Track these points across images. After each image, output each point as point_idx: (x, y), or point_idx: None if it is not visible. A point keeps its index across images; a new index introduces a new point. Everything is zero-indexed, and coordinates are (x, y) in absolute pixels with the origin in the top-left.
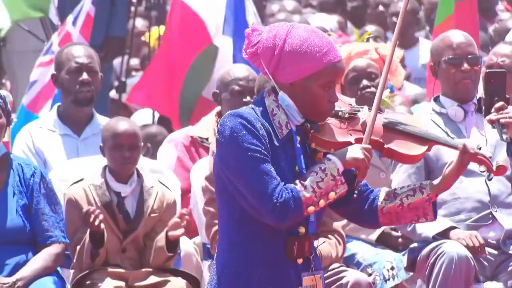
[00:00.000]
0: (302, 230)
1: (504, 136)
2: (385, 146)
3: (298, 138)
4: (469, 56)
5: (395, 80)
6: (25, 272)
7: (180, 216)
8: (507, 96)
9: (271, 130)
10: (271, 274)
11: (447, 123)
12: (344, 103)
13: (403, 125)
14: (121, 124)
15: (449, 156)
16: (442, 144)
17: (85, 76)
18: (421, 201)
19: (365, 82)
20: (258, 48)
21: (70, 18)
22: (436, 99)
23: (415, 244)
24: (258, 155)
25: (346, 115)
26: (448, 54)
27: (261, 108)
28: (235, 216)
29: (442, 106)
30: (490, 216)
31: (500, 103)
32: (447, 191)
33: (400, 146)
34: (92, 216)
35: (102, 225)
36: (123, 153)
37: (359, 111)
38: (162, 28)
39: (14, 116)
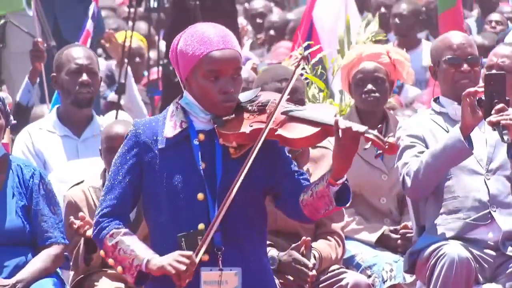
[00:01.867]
0: (201, 226)
1: (505, 138)
2: (276, 133)
3: (202, 136)
4: (469, 57)
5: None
6: (24, 273)
7: None
8: (507, 98)
9: (160, 134)
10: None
11: (447, 122)
12: (274, 99)
13: (299, 111)
14: (116, 127)
15: None
16: (325, 125)
17: (84, 77)
18: (323, 189)
19: (369, 86)
20: (170, 52)
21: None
22: (436, 100)
23: (415, 247)
24: (116, 170)
25: (255, 108)
26: (447, 55)
27: (164, 113)
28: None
29: (442, 106)
30: (489, 215)
31: (501, 105)
32: (447, 190)
33: (290, 131)
34: (75, 226)
35: (90, 232)
36: (113, 156)
37: (268, 103)
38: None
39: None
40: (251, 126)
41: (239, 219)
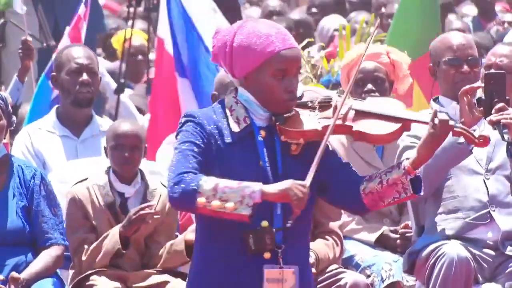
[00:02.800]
0: (264, 224)
1: (506, 137)
2: (354, 129)
3: (263, 133)
4: (469, 58)
5: (400, 88)
6: (24, 274)
7: None
8: (507, 97)
9: (224, 127)
10: (228, 269)
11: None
12: (320, 95)
13: (374, 107)
14: (123, 125)
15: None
16: (414, 121)
17: (85, 76)
18: (399, 177)
19: (369, 86)
20: (215, 49)
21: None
22: (436, 99)
23: (415, 246)
24: (187, 141)
25: (316, 105)
26: (448, 55)
27: (220, 106)
28: (200, 216)
29: (441, 106)
30: (488, 215)
31: (501, 104)
32: (446, 190)
33: (369, 127)
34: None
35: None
36: (123, 153)
37: (330, 99)
38: (129, 31)
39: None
40: (319, 122)
41: (297, 217)
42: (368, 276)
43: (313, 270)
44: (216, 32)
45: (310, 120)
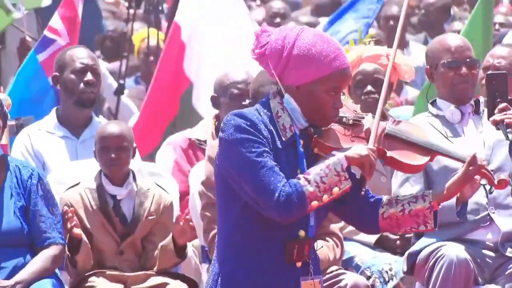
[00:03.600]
0: (302, 233)
1: (510, 136)
2: (388, 154)
3: (302, 142)
4: (467, 60)
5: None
6: (24, 274)
7: (185, 221)
8: (509, 97)
9: (274, 132)
10: (267, 277)
11: (444, 125)
12: (348, 109)
13: (406, 134)
14: (109, 127)
15: (448, 161)
16: (446, 156)
17: (89, 76)
18: (423, 209)
19: (369, 87)
20: (267, 49)
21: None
22: (433, 102)
23: (414, 248)
24: (262, 152)
25: (350, 122)
26: (446, 58)
27: (266, 110)
28: (233, 217)
29: (439, 109)
30: (488, 217)
31: (504, 104)
32: None
33: (402, 155)
34: (66, 217)
35: (77, 231)
36: (109, 155)
37: (363, 118)
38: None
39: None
40: (353, 141)
41: (317, 228)
42: (369, 277)
43: None
44: (264, 31)
45: (345, 138)
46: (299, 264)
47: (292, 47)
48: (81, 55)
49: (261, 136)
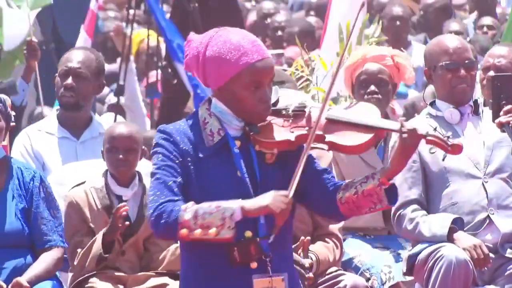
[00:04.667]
0: (248, 234)
1: None
2: (326, 139)
3: (238, 143)
4: (466, 62)
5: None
6: (26, 277)
7: None
8: None
9: (198, 142)
10: (219, 283)
11: (443, 126)
12: (294, 101)
13: (346, 116)
14: (118, 127)
15: (446, 160)
16: (386, 130)
17: (68, 80)
18: (374, 187)
19: (372, 87)
20: (188, 58)
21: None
22: (432, 103)
23: (414, 249)
24: (164, 166)
25: (290, 113)
26: (444, 60)
27: (192, 120)
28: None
29: (438, 110)
30: (488, 219)
31: (509, 106)
32: (444, 196)
33: (342, 137)
34: (118, 214)
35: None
36: (117, 156)
37: (304, 107)
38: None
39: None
40: (292, 132)
41: (289, 225)
42: (368, 279)
43: (310, 274)
44: (188, 41)
45: (284, 130)
46: (254, 264)
47: (205, 50)
48: (71, 57)
49: (172, 150)
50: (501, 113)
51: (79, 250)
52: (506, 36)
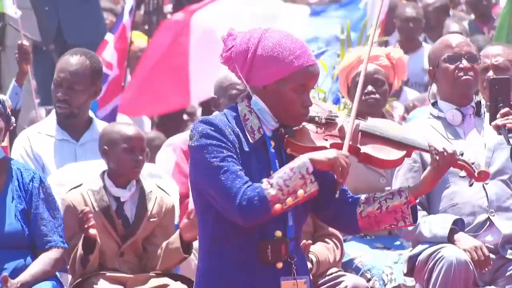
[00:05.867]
0: (278, 234)
1: (511, 141)
2: (362, 151)
3: (273, 143)
4: (468, 55)
5: (395, 83)
6: (24, 277)
7: (188, 213)
8: (511, 102)
9: (241, 136)
10: (246, 280)
11: (445, 127)
12: (323, 110)
13: (380, 131)
14: (130, 128)
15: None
16: (419, 149)
17: (60, 94)
18: (400, 205)
19: (370, 88)
20: (232, 52)
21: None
22: (434, 104)
23: (415, 250)
24: (226, 157)
25: (323, 121)
26: (446, 53)
27: (234, 114)
28: (208, 225)
29: (440, 110)
30: (488, 220)
31: (506, 109)
32: (444, 197)
33: (377, 151)
34: (85, 218)
35: (93, 231)
36: (135, 157)
37: (336, 116)
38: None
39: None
40: (326, 140)
41: (301, 228)
42: (369, 280)
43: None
44: (230, 35)
45: (318, 137)
46: (279, 265)
47: (256, 48)
48: (64, 66)
49: (226, 141)
50: (498, 115)
51: (72, 253)
52: (497, 36)
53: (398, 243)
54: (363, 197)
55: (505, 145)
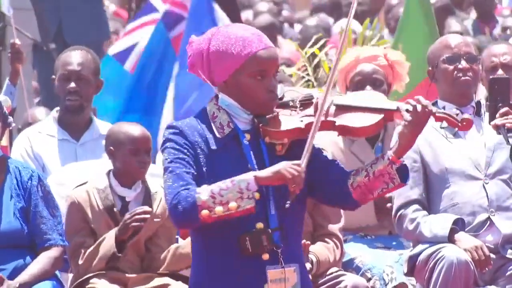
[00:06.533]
0: (259, 225)
1: (511, 141)
2: (337, 123)
3: (248, 136)
4: (467, 55)
5: (398, 86)
6: (24, 276)
7: None
8: (511, 102)
9: (209, 135)
10: (231, 275)
11: (444, 127)
12: (303, 94)
13: (354, 102)
14: (136, 129)
15: (447, 161)
16: (396, 110)
17: (72, 84)
18: (385, 167)
19: (368, 88)
20: (192, 57)
21: None
22: (434, 104)
23: (415, 250)
24: (176, 159)
25: (298, 104)
26: (445, 54)
27: (203, 115)
28: (194, 229)
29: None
30: (488, 220)
31: (505, 109)
32: (445, 197)
33: (352, 120)
34: (133, 219)
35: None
36: (141, 158)
37: (312, 97)
38: None
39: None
40: (302, 121)
41: (290, 216)
42: (369, 279)
43: (309, 276)
44: (190, 43)
45: (293, 119)
46: (265, 256)
47: (208, 47)
48: (69, 60)
49: (183, 143)
50: (497, 115)
51: (83, 250)
52: (396, 40)
53: (397, 243)
54: (354, 171)
55: (505, 144)
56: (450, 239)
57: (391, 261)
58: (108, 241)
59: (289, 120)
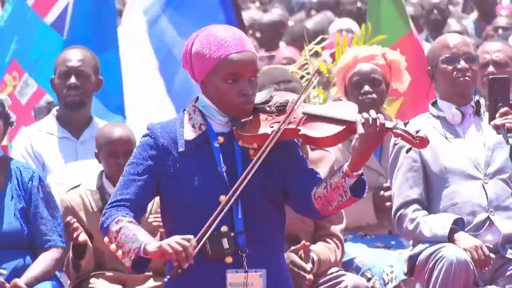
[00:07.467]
0: (224, 229)
1: (511, 141)
2: (300, 132)
3: (221, 139)
4: (466, 55)
5: (399, 86)
6: (24, 278)
7: None
8: (511, 102)
9: (178, 138)
10: (194, 279)
11: (445, 126)
12: (289, 100)
13: (322, 111)
14: (116, 130)
15: (447, 160)
16: (351, 122)
17: (72, 80)
18: (339, 180)
19: (366, 88)
20: (182, 56)
21: None
22: (434, 104)
23: (415, 250)
24: (134, 165)
25: (273, 109)
26: (444, 54)
27: (180, 116)
28: (165, 223)
29: (440, 110)
30: (488, 220)
31: (505, 109)
32: (444, 197)
33: (314, 130)
34: (73, 226)
35: (83, 237)
36: (118, 160)
37: (287, 103)
38: None
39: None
40: (272, 127)
41: (261, 220)
42: (369, 279)
43: (310, 276)
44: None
45: (265, 125)
46: (228, 259)
47: (191, 47)
48: (69, 57)
49: (149, 146)
50: (497, 115)
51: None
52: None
53: (397, 242)
54: (321, 181)
55: (504, 144)
56: (450, 238)
57: (391, 261)
58: (69, 252)
59: (262, 125)
